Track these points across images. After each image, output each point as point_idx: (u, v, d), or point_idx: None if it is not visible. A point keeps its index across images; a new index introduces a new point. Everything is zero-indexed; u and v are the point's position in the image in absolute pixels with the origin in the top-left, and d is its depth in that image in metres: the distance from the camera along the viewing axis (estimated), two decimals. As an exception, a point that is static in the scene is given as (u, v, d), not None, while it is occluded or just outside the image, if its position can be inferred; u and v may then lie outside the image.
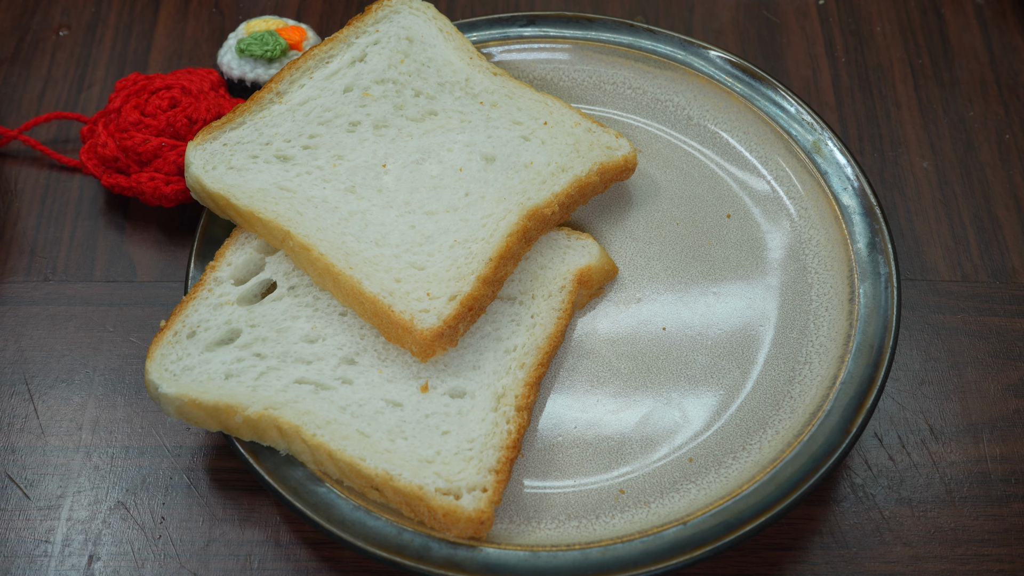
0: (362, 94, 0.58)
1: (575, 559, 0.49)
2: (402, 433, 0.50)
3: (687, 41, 0.64)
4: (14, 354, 0.58)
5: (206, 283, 0.55)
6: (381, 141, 0.57)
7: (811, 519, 0.54)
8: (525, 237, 0.55)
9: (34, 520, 0.54)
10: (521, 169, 0.56)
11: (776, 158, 0.61)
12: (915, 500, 0.54)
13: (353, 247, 0.53)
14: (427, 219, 0.55)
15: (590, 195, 0.58)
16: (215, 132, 0.57)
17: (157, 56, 0.69)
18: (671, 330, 0.57)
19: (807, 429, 0.52)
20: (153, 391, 0.51)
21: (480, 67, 0.60)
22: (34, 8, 0.71)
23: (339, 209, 0.55)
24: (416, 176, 0.56)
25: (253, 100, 0.58)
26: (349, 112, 0.58)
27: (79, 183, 0.64)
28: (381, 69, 0.59)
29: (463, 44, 0.61)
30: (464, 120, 0.58)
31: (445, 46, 0.60)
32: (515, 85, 0.60)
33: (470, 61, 0.60)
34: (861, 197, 0.58)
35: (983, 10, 0.72)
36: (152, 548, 0.53)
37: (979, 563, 0.53)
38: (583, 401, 0.55)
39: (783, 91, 0.62)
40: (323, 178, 0.56)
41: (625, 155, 0.58)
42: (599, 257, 0.57)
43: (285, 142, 0.57)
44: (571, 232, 0.58)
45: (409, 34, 0.61)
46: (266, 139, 0.57)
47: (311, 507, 0.50)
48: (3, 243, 0.62)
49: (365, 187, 0.56)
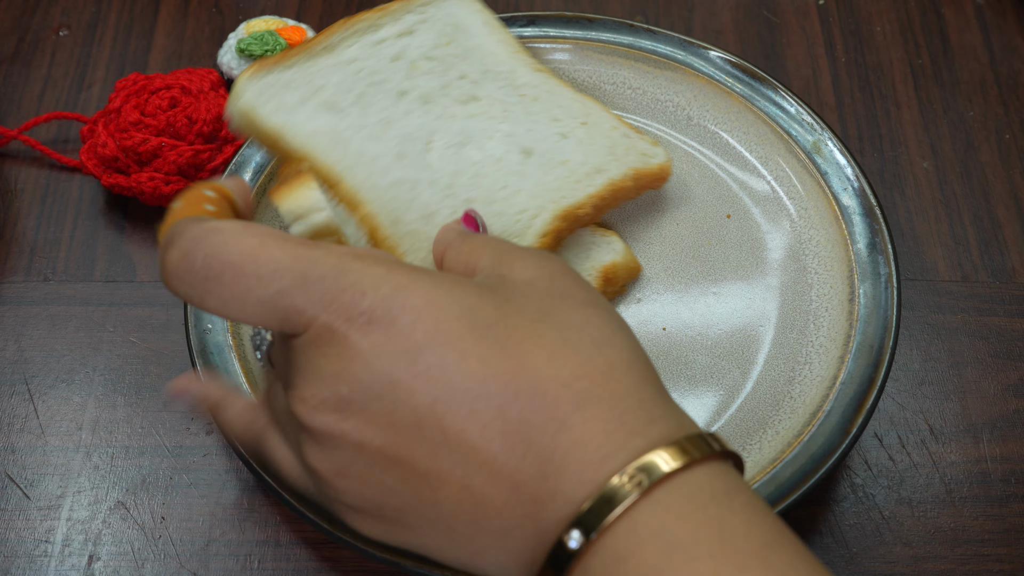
0: (410, 66, 0.58)
1: (575, 559, 0.49)
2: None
3: (687, 41, 0.64)
4: (14, 354, 0.58)
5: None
6: (427, 117, 0.57)
7: (811, 519, 0.54)
8: (558, 238, 0.55)
9: (34, 520, 0.54)
10: (557, 166, 0.56)
11: (776, 158, 0.61)
12: (915, 500, 0.54)
13: (402, 215, 0.53)
14: (466, 207, 0.54)
15: (622, 199, 0.57)
16: (269, 67, 0.56)
17: (157, 56, 0.69)
18: (671, 330, 0.57)
19: (807, 429, 0.52)
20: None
21: (524, 61, 0.60)
22: (34, 8, 0.71)
23: (389, 172, 0.54)
24: (458, 159, 0.56)
25: (302, 48, 0.57)
26: (398, 80, 0.57)
27: (79, 183, 0.64)
28: (429, 46, 0.59)
29: (507, 38, 0.61)
30: (505, 110, 0.58)
31: (490, 38, 0.60)
32: (557, 83, 0.60)
33: (513, 54, 0.60)
34: (861, 197, 0.58)
35: (983, 10, 0.72)
36: (152, 548, 0.53)
37: (979, 563, 0.53)
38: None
39: (783, 91, 0.62)
40: (374, 136, 0.55)
41: (660, 163, 0.58)
42: (624, 254, 0.57)
43: (335, 93, 0.56)
44: (596, 228, 0.57)
45: (455, 20, 0.60)
46: (316, 86, 0.56)
47: (311, 507, 0.50)
48: (3, 243, 0.62)
49: (413, 158, 0.55)
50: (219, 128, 0.61)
